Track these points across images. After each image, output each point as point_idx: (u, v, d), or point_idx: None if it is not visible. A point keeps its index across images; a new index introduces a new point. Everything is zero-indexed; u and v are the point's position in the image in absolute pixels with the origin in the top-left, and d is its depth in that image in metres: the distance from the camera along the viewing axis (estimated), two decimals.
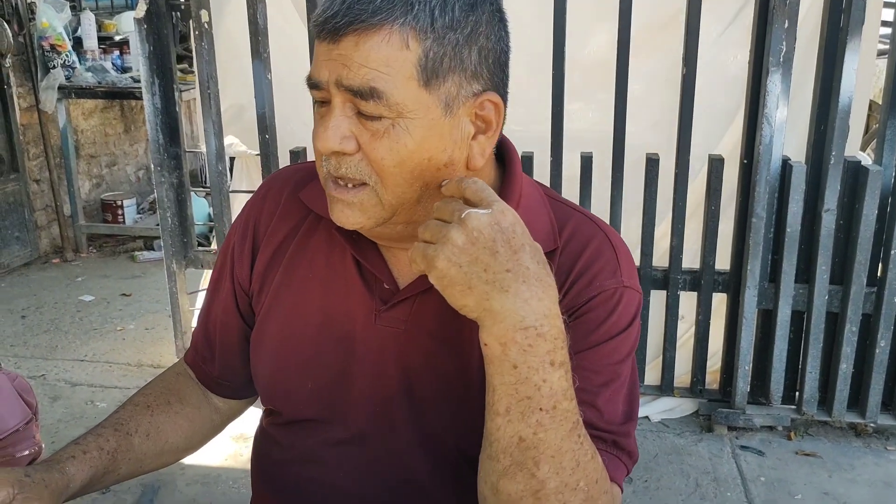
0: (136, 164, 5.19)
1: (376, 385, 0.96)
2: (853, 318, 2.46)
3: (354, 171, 0.84)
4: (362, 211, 0.86)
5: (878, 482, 2.42)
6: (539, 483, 0.78)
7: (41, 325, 3.53)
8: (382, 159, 0.83)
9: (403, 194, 0.85)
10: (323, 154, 0.85)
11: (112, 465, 0.98)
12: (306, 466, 1.01)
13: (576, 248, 0.93)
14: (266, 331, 1.02)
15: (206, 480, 2.41)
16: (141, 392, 1.10)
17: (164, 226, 2.84)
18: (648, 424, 2.72)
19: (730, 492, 2.38)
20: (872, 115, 4.45)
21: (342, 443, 0.99)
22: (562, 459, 0.78)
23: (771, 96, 2.33)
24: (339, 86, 0.81)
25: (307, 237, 1.01)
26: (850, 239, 2.43)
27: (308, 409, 1.00)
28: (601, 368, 0.89)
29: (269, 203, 1.05)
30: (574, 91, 2.51)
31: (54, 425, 2.69)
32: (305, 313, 0.99)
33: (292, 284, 1.00)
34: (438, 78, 0.82)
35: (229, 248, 1.07)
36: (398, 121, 0.82)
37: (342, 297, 0.97)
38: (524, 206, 0.94)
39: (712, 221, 2.51)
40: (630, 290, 0.92)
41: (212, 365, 1.12)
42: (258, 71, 2.55)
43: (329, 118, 0.83)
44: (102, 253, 4.55)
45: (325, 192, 0.89)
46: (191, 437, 1.10)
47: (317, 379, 0.98)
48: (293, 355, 0.99)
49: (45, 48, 4.14)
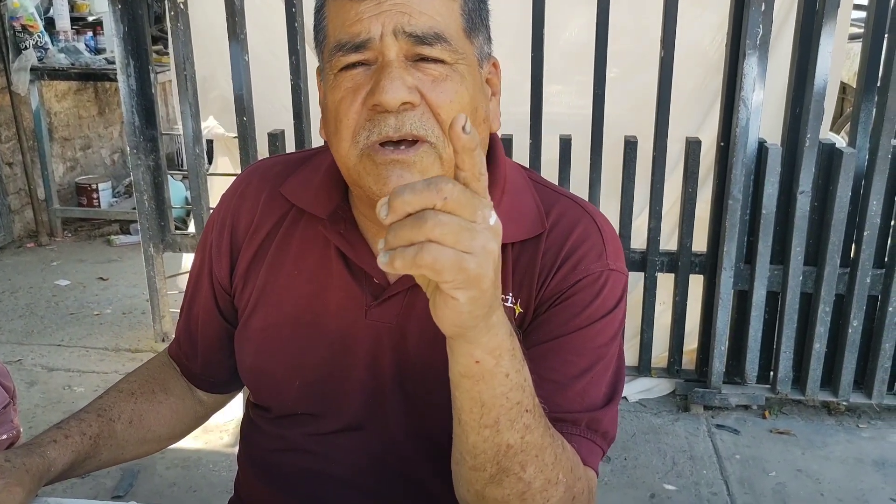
0: (110, 146, 5.12)
1: (369, 379, 0.95)
2: (826, 298, 2.50)
3: (419, 125, 0.80)
4: (423, 172, 0.81)
5: (850, 459, 2.47)
6: (525, 485, 0.77)
7: (16, 310, 3.50)
8: (451, 102, 0.81)
9: None
10: (390, 108, 0.79)
11: (93, 450, 0.98)
12: (297, 456, 1.01)
13: (562, 232, 0.92)
14: (251, 328, 1.00)
15: (186, 464, 2.41)
16: (125, 379, 1.09)
17: (140, 209, 2.81)
18: (626, 404, 2.75)
19: (705, 469, 2.42)
20: (845, 98, 4.50)
21: (334, 433, 0.98)
22: (544, 457, 0.77)
23: (747, 79, 2.34)
24: (398, 34, 0.79)
25: (290, 233, 0.98)
26: (824, 221, 2.47)
27: (297, 405, 0.99)
28: (585, 352, 0.89)
29: (248, 200, 1.01)
30: (553, 74, 2.51)
31: (31, 410, 2.67)
32: (292, 311, 0.97)
33: (277, 282, 0.98)
34: (476, 30, 0.86)
35: (207, 246, 1.05)
36: (457, 66, 0.82)
37: (331, 294, 0.95)
38: (509, 190, 0.93)
39: (689, 204, 2.54)
40: (616, 273, 0.92)
41: (194, 362, 1.11)
42: (235, 52, 2.52)
43: (389, 70, 0.79)
44: (78, 237, 4.50)
45: (365, 168, 0.82)
46: (173, 427, 1.10)
47: (305, 376, 0.97)
48: (280, 353, 0.98)
49: (16, 29, 4.06)
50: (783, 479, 2.37)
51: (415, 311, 0.92)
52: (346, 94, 0.82)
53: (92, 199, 4.52)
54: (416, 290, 0.91)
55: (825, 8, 2.26)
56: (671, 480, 2.37)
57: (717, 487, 2.34)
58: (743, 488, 2.33)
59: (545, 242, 0.92)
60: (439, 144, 0.81)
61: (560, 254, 0.91)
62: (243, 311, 1.01)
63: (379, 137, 0.80)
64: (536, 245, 0.91)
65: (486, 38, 0.88)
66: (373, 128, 0.80)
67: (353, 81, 0.82)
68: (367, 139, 0.81)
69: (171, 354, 1.14)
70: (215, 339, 1.08)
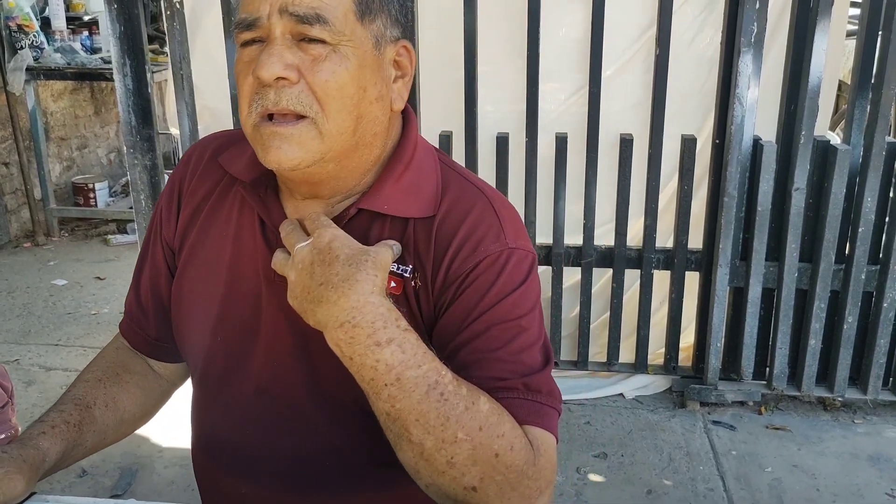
0: (107, 146, 5.12)
1: (274, 343, 1.00)
2: (822, 294, 2.51)
3: (295, 101, 0.86)
4: (300, 145, 0.88)
5: (845, 454, 2.48)
6: (418, 446, 0.83)
7: (13, 310, 3.50)
8: (326, 82, 0.86)
9: (343, 123, 0.88)
10: (266, 82, 0.86)
11: (79, 437, 1.00)
12: (223, 418, 1.06)
13: (458, 216, 0.95)
14: (181, 286, 1.06)
15: (184, 463, 2.41)
16: (87, 369, 1.12)
17: (137, 209, 2.81)
18: (623, 401, 2.76)
19: (702, 465, 2.43)
20: (842, 96, 4.51)
21: (250, 397, 1.03)
22: (427, 420, 0.81)
23: (742, 77, 2.35)
24: (282, 13, 0.85)
25: (221, 198, 1.04)
26: (818, 217, 2.48)
27: (218, 360, 1.04)
28: (502, 326, 0.91)
29: (193, 164, 1.09)
30: (548, 72, 2.52)
31: (29, 410, 2.67)
32: (215, 271, 1.03)
33: (205, 243, 1.04)
34: (371, 14, 0.89)
35: (158, 212, 1.11)
36: (338, 47, 0.87)
37: (248, 257, 1.00)
38: (414, 167, 0.98)
39: (685, 201, 2.54)
40: (518, 251, 0.94)
41: (147, 327, 1.13)
42: (231, 52, 2.52)
43: (271, 47, 0.86)
44: (74, 237, 4.50)
45: (256, 138, 0.90)
46: (144, 403, 1.13)
47: (225, 333, 1.03)
48: (203, 311, 1.03)
49: (11, 28, 4.06)
50: (779, 475, 2.38)
51: None
52: (243, 68, 0.90)
53: (88, 198, 4.52)
54: None
55: (819, 5, 2.27)
56: (668, 476, 2.38)
57: (714, 483, 2.35)
58: (739, 484, 2.34)
59: (437, 227, 0.95)
60: (319, 120, 0.87)
61: (456, 237, 0.94)
62: (177, 269, 1.08)
63: (262, 109, 0.88)
64: (430, 227, 0.95)
65: (390, 21, 0.92)
66: (259, 99, 0.88)
67: (249, 56, 0.89)
68: (255, 109, 0.88)
69: (122, 332, 1.17)
70: (165, 299, 1.12)
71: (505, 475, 0.84)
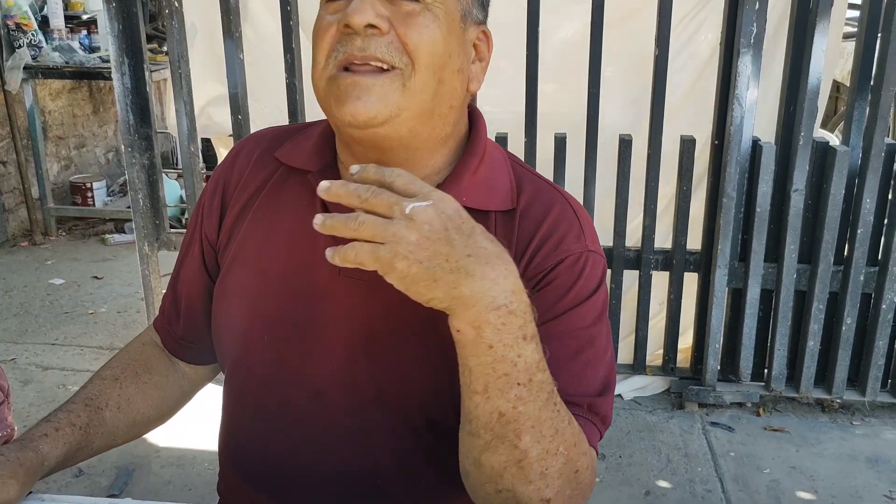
0: (105, 145, 5.11)
1: (338, 339, 0.94)
2: (820, 296, 2.51)
3: (385, 51, 0.83)
4: (381, 97, 0.83)
5: (843, 456, 2.48)
6: (522, 453, 0.79)
7: (10, 309, 3.49)
8: (419, 36, 0.84)
9: (428, 81, 0.85)
10: (356, 28, 0.82)
11: (85, 440, 0.97)
12: (263, 426, 1.00)
13: (539, 212, 0.93)
14: (228, 282, 1.01)
15: (181, 462, 2.41)
16: (107, 366, 1.08)
17: (135, 208, 2.81)
18: (621, 402, 2.76)
19: (700, 467, 2.42)
20: (840, 97, 4.51)
21: (301, 404, 0.97)
22: (541, 428, 0.78)
23: (742, 77, 2.35)
24: None
25: (277, 189, 1.00)
26: (817, 218, 2.48)
27: (264, 361, 0.98)
28: (574, 333, 0.90)
29: (241, 161, 1.04)
30: (548, 73, 2.51)
31: (26, 409, 2.67)
32: (267, 265, 0.97)
33: (257, 236, 0.99)
34: None
35: (199, 208, 1.06)
36: (432, 7, 0.85)
37: (306, 250, 0.94)
38: (487, 162, 0.95)
39: (684, 202, 2.54)
40: (595, 255, 0.93)
41: (177, 325, 1.10)
42: (230, 50, 2.52)
43: None
44: (72, 236, 4.49)
45: (330, 91, 0.86)
46: (160, 405, 1.09)
47: (275, 332, 0.96)
48: (251, 307, 0.98)
49: (10, 27, 4.05)
50: (777, 477, 2.38)
51: None
52: (325, 25, 0.86)
53: (86, 197, 4.51)
54: None
55: (819, 7, 2.27)
56: (666, 478, 2.38)
57: (712, 485, 2.35)
58: (737, 485, 2.34)
59: (519, 220, 0.93)
60: (406, 72, 0.84)
61: (538, 233, 0.92)
62: (223, 267, 1.03)
63: (345, 56, 0.84)
64: (511, 220, 0.93)
65: (478, 2, 0.91)
66: (341, 47, 0.84)
67: (335, 10, 0.86)
68: (335, 59, 0.85)
69: (155, 327, 1.14)
70: (198, 298, 1.08)
71: (574, 490, 0.83)
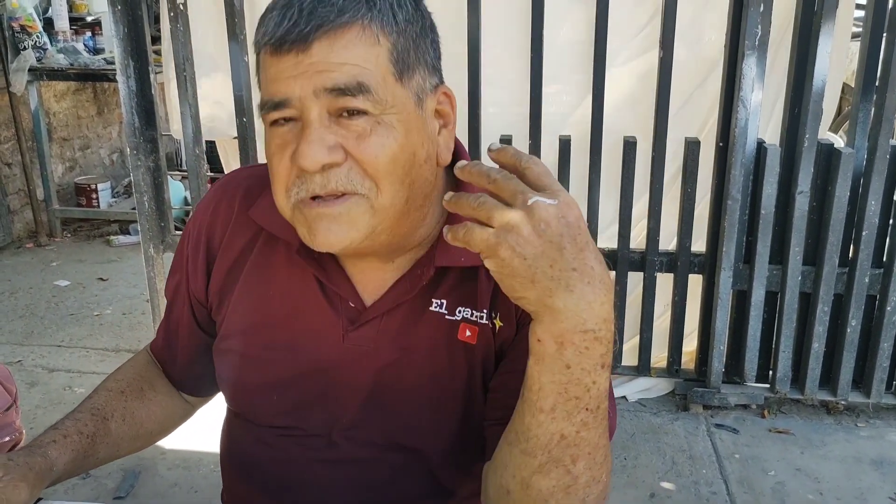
0: (109, 146, 5.12)
1: (346, 401, 0.96)
2: (825, 298, 2.51)
3: (345, 181, 0.81)
4: (351, 224, 0.82)
5: (848, 458, 2.48)
6: (573, 479, 0.78)
7: (16, 311, 3.50)
8: (376, 157, 0.80)
9: (396, 194, 0.83)
10: (311, 171, 0.80)
11: (91, 448, 0.99)
12: (277, 462, 1.02)
13: None
14: (229, 346, 1.01)
15: (187, 465, 2.41)
16: (113, 378, 1.10)
17: (140, 210, 2.81)
18: (626, 404, 2.76)
19: (705, 469, 2.42)
20: (845, 98, 4.51)
21: (312, 447, 1.00)
22: (596, 455, 0.78)
23: (746, 80, 2.35)
24: (318, 94, 0.79)
25: (266, 252, 0.98)
26: (822, 221, 2.47)
27: (275, 418, 1.00)
28: None
29: (221, 216, 1.01)
30: (551, 73, 2.51)
31: (32, 411, 2.68)
32: (270, 332, 0.98)
33: (254, 301, 0.99)
34: (409, 71, 0.83)
35: (184, 258, 1.05)
36: (382, 117, 0.81)
37: (307, 318, 0.96)
38: None
39: (688, 204, 2.54)
40: None
41: (173, 367, 1.13)
42: (234, 53, 2.52)
43: (308, 132, 0.79)
44: (77, 237, 4.50)
45: (298, 219, 0.85)
46: (163, 421, 1.12)
47: (282, 393, 0.99)
48: (257, 372, 0.99)
49: (14, 29, 4.07)
50: (782, 479, 2.38)
51: (390, 333, 0.94)
52: (276, 151, 0.83)
53: (91, 199, 4.52)
54: (392, 313, 0.94)
55: (823, 9, 2.27)
56: (671, 480, 2.38)
57: (717, 487, 2.35)
58: (742, 487, 2.34)
59: None
60: (370, 195, 0.82)
61: None
62: (220, 327, 1.02)
63: (307, 194, 0.82)
64: None
65: (427, 71, 0.86)
66: (301, 184, 0.82)
67: (282, 138, 0.83)
68: (297, 195, 0.83)
69: (154, 352, 1.15)
70: (194, 350, 1.10)
71: None
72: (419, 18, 0.85)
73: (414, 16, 0.84)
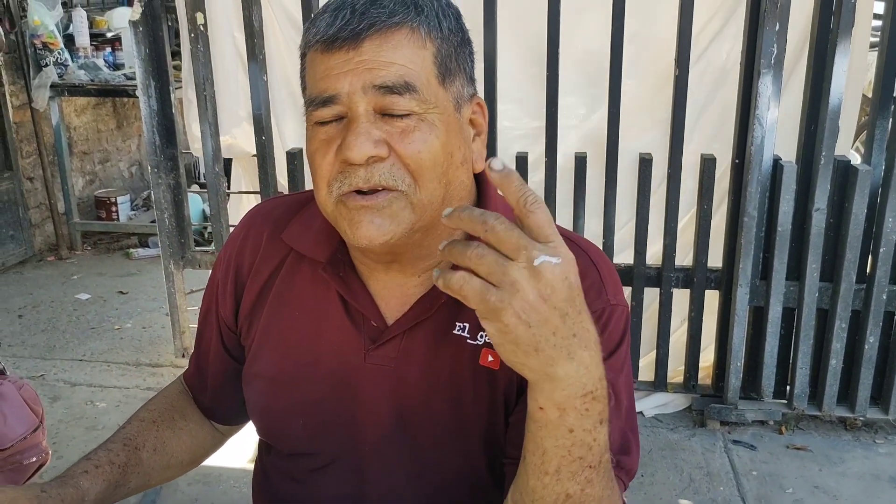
0: (128, 160, 5.18)
1: (370, 423, 0.97)
2: (843, 314, 2.50)
3: (388, 176, 0.83)
4: (392, 218, 0.84)
5: (867, 475, 2.47)
6: None
7: (38, 325, 3.55)
8: (419, 153, 0.83)
9: (434, 192, 0.85)
10: (357, 163, 0.82)
11: (122, 478, 1.01)
12: (307, 496, 1.03)
13: None
14: (256, 369, 1.03)
15: (208, 480, 2.44)
16: (146, 408, 1.13)
17: (161, 226, 2.85)
18: (642, 420, 2.76)
19: (722, 486, 2.42)
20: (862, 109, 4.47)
21: (339, 476, 1.01)
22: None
23: (762, 98, 2.35)
24: (366, 90, 0.82)
25: (291, 275, 1.01)
26: (839, 237, 2.47)
27: (301, 444, 1.02)
28: None
29: (251, 242, 1.05)
30: (566, 86, 2.52)
31: (55, 426, 2.71)
32: (295, 353, 0.99)
33: (280, 323, 1.01)
34: (450, 76, 0.87)
35: (214, 285, 1.08)
36: (426, 116, 0.84)
37: (331, 336, 0.98)
38: None
39: (705, 220, 2.55)
40: (617, 307, 0.93)
41: (204, 395, 1.15)
42: (254, 72, 2.56)
43: (356, 126, 0.82)
44: (97, 250, 4.55)
45: (341, 213, 0.86)
46: (194, 451, 1.14)
47: (308, 416, 1.00)
48: (283, 394, 1.01)
49: (36, 46, 4.13)
50: (800, 496, 2.37)
51: (412, 354, 0.95)
52: (319, 146, 0.86)
53: (111, 212, 4.58)
54: (413, 332, 0.94)
55: (839, 27, 2.27)
56: (688, 497, 2.38)
57: None
58: None
59: None
60: (410, 192, 0.84)
61: None
62: (248, 352, 1.05)
63: (350, 188, 0.84)
64: None
65: (466, 80, 0.90)
66: (344, 179, 0.84)
67: (327, 134, 0.86)
68: (339, 189, 0.85)
69: (185, 380, 1.18)
70: (223, 376, 1.12)
71: None
72: (460, 30, 0.90)
73: (456, 26, 0.89)
